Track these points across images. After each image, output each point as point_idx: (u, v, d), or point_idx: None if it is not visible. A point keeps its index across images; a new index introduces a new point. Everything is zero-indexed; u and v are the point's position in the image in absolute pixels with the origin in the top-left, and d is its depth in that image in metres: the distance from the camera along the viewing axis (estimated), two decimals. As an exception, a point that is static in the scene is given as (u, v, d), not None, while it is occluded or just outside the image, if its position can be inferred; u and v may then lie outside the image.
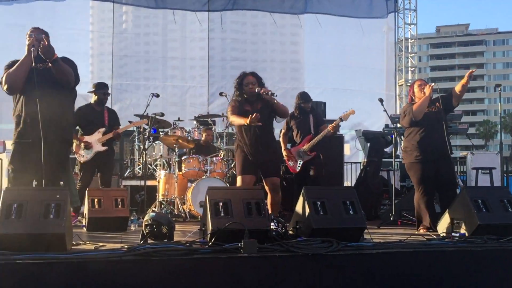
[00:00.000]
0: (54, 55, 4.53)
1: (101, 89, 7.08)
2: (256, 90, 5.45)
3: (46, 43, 4.41)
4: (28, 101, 4.54)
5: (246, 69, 5.95)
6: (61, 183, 5.08)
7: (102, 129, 6.89)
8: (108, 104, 12.35)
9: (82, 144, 6.80)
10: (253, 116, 5.17)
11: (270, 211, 5.48)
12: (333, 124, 6.87)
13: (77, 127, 6.91)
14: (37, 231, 3.53)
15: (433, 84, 5.77)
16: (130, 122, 9.86)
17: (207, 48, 13.09)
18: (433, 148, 5.69)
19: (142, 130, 9.39)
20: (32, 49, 4.53)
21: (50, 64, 4.54)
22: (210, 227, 3.92)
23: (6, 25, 11.09)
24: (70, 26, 11.93)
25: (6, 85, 4.60)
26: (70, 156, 5.99)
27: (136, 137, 9.71)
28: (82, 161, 6.86)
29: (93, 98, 7.08)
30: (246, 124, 5.28)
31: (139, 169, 9.35)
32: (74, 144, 6.77)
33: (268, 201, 5.54)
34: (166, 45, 13.49)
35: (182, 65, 13.41)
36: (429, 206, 5.76)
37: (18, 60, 4.65)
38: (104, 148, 6.82)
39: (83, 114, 6.88)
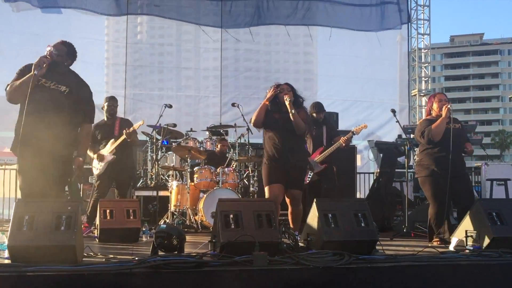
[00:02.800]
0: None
1: (108, 102, 7.23)
2: (284, 95, 5.40)
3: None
4: (29, 118, 4.37)
5: (259, 79, 5.96)
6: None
7: (111, 140, 6.98)
8: (121, 114, 12.70)
9: (96, 157, 6.90)
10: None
11: (291, 223, 5.45)
12: (345, 138, 6.84)
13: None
14: (48, 243, 3.54)
15: (449, 105, 5.66)
16: (143, 132, 10.04)
17: (220, 58, 13.15)
18: (454, 164, 5.55)
19: (155, 140, 9.42)
20: (37, 69, 4.39)
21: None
22: (221, 239, 3.90)
23: (20, 33, 11.22)
24: (84, 36, 12.00)
25: (7, 96, 4.54)
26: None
27: (149, 147, 9.74)
28: (96, 174, 6.97)
29: (104, 113, 7.24)
30: (267, 104, 5.33)
31: (152, 179, 9.37)
32: (94, 158, 6.96)
33: (289, 213, 5.51)
34: (180, 56, 13.58)
35: (195, 76, 13.49)
36: (445, 219, 5.63)
37: (31, 65, 4.52)
38: (112, 157, 6.86)
39: (97, 130, 7.02)
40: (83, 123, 4.81)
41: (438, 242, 5.57)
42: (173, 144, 8.93)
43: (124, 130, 6.88)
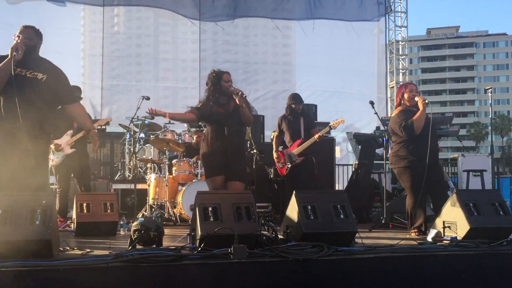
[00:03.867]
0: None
1: None
2: (231, 89, 5.37)
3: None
4: (7, 109, 4.32)
5: (238, 71, 5.92)
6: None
7: (70, 132, 6.74)
8: (98, 106, 12.52)
9: (53, 147, 6.58)
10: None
11: None
12: (319, 134, 6.86)
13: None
14: (23, 237, 3.46)
15: (426, 100, 5.65)
16: (120, 125, 9.91)
17: (198, 50, 13.04)
18: (427, 155, 5.57)
19: (132, 133, 9.31)
20: (14, 54, 4.32)
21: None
22: (200, 233, 3.87)
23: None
24: (59, 25, 11.80)
25: None
26: None
27: (127, 140, 9.62)
28: (52, 165, 6.69)
29: None
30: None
31: (130, 172, 9.27)
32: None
33: None
34: (157, 47, 13.44)
35: (174, 67, 13.37)
36: (422, 210, 5.70)
37: (3, 56, 4.42)
38: (72, 150, 6.68)
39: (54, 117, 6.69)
40: (67, 103, 4.75)
41: (416, 233, 5.62)
42: (151, 136, 8.83)
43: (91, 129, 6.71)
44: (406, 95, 5.86)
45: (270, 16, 13.19)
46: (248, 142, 7.48)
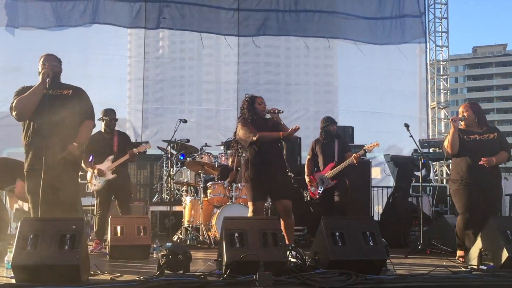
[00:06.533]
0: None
1: (107, 115, 7.02)
2: (267, 109, 5.47)
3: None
4: (38, 129, 4.50)
5: (279, 92, 6.06)
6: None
7: (111, 157, 6.81)
8: (139, 128, 12.79)
9: (95, 172, 6.70)
10: (295, 127, 5.17)
11: (285, 235, 5.38)
12: (356, 155, 6.78)
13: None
14: (52, 262, 3.54)
15: (453, 116, 5.57)
16: (158, 147, 10.08)
17: (240, 71, 13.16)
18: (481, 176, 5.39)
19: (170, 155, 9.44)
20: (47, 79, 4.53)
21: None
22: (225, 259, 3.86)
23: (39, 51, 11.34)
24: (102, 52, 12.16)
25: (15, 111, 4.57)
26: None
27: (164, 162, 9.77)
28: (94, 190, 6.83)
29: (102, 126, 7.01)
30: (281, 137, 5.28)
31: (167, 194, 9.39)
32: (89, 174, 6.78)
33: (282, 225, 5.35)
34: (200, 69, 13.61)
35: (216, 89, 13.50)
36: (472, 233, 5.34)
37: (28, 87, 4.64)
38: (114, 175, 6.74)
39: (93, 142, 6.51)
40: (85, 120, 4.83)
41: (462, 259, 5.37)
42: (188, 159, 8.94)
43: (130, 151, 6.84)
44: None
45: (308, 35, 13.20)
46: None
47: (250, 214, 5.50)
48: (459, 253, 5.54)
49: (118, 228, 5.67)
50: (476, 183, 5.39)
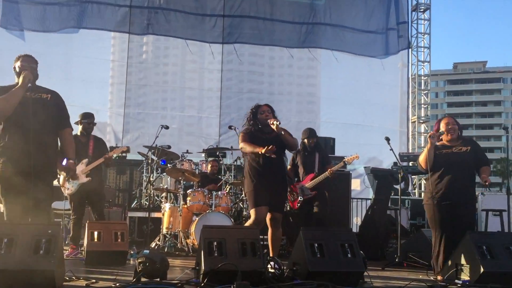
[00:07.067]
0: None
1: (86, 118, 6.93)
2: (269, 120, 5.36)
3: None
4: (15, 131, 4.38)
5: (262, 101, 5.95)
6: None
7: (85, 160, 6.70)
8: (119, 133, 12.68)
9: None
10: (269, 147, 5.12)
11: (270, 246, 5.38)
12: (332, 169, 6.84)
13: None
14: (26, 267, 3.48)
15: (431, 132, 5.49)
16: (139, 153, 10.02)
17: (223, 79, 13.16)
18: (452, 190, 5.32)
19: (150, 161, 9.39)
20: (30, 86, 4.45)
21: None
22: (203, 267, 3.84)
23: (20, 51, 11.20)
24: (85, 54, 12.07)
25: None
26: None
27: (145, 168, 9.70)
28: (67, 194, 6.71)
29: (78, 129, 6.90)
30: (260, 153, 5.22)
31: (146, 200, 9.32)
32: (62, 177, 6.58)
33: (269, 236, 5.39)
34: (184, 76, 13.56)
35: (199, 96, 13.46)
36: (443, 247, 5.31)
37: (7, 86, 4.52)
38: (88, 179, 6.65)
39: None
40: (65, 127, 4.77)
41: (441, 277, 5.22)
42: (169, 165, 8.90)
43: (105, 155, 6.77)
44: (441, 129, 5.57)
45: (293, 46, 13.28)
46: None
47: (250, 222, 5.27)
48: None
49: (95, 233, 5.60)
50: (446, 198, 5.32)
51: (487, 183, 5.30)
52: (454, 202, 5.30)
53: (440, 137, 5.56)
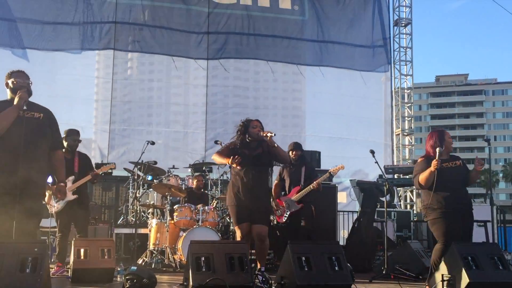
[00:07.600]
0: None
1: (71, 135, 6.84)
2: (261, 133, 5.41)
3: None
4: (7, 152, 4.32)
5: (248, 115, 5.97)
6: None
7: (71, 177, 6.61)
8: (105, 149, 12.62)
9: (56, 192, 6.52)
10: (235, 158, 5.13)
11: (257, 259, 5.37)
12: (317, 181, 6.88)
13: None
14: (12, 286, 3.45)
15: (438, 160, 5.29)
16: (125, 169, 9.96)
17: (208, 94, 13.18)
18: (459, 203, 5.36)
19: (136, 177, 9.35)
20: (24, 105, 4.40)
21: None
22: (191, 283, 3.84)
23: (4, 69, 11.16)
24: (69, 72, 12.05)
25: None
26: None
27: (131, 184, 9.65)
28: (54, 212, 6.62)
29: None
30: (228, 164, 5.23)
31: (133, 216, 9.26)
32: (47, 195, 6.41)
33: (256, 248, 5.38)
34: (169, 92, 13.57)
35: (184, 111, 13.46)
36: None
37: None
38: (75, 196, 6.58)
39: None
40: (56, 149, 4.73)
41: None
42: (155, 181, 8.87)
43: (93, 172, 6.73)
44: (428, 145, 5.56)
45: (277, 60, 13.38)
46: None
47: (238, 239, 5.32)
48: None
49: (82, 250, 5.54)
50: (455, 211, 5.33)
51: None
52: (462, 214, 5.37)
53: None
